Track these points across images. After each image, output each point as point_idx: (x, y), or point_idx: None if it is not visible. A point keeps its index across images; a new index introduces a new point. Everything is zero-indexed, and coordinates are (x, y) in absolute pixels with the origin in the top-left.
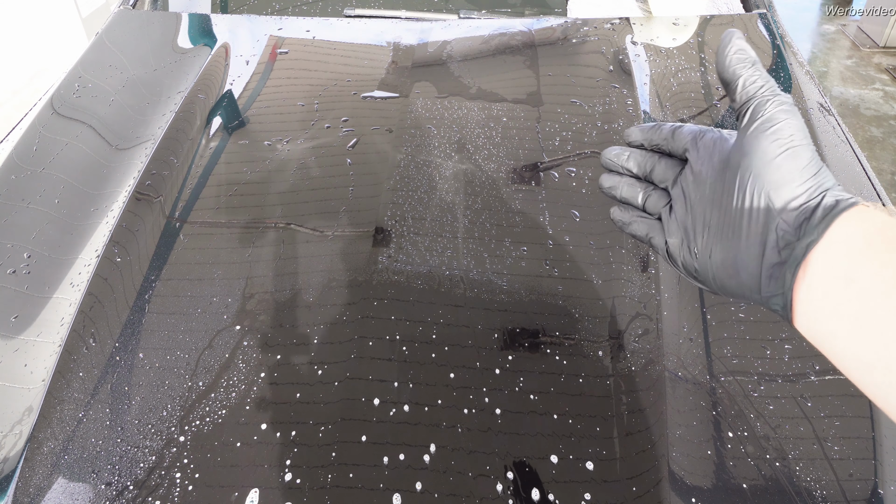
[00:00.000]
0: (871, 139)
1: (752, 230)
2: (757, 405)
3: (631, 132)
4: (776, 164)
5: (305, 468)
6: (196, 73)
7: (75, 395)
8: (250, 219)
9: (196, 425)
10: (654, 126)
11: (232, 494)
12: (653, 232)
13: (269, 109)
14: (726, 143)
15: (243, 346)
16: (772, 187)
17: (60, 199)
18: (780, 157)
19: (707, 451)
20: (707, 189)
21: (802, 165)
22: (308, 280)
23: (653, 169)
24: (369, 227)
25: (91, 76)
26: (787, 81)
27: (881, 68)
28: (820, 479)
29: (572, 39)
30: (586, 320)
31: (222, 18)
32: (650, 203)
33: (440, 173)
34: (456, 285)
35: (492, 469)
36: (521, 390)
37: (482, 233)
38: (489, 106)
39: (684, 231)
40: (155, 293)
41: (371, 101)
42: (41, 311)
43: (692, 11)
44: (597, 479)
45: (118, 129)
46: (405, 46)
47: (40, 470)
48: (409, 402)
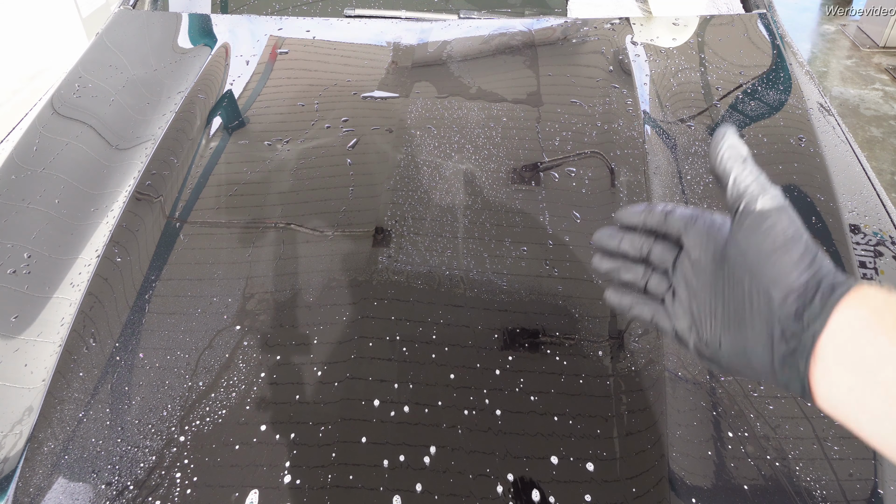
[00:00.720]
0: (871, 139)
1: (758, 323)
2: (757, 405)
3: (622, 216)
4: (771, 260)
5: (305, 468)
6: (196, 73)
7: (75, 395)
8: (250, 219)
9: (196, 425)
10: (645, 209)
11: (232, 494)
12: (658, 315)
13: (269, 109)
14: (720, 232)
15: (243, 346)
16: (770, 283)
17: (60, 199)
18: (774, 252)
19: (707, 451)
20: (708, 278)
21: (796, 258)
22: (308, 280)
23: (650, 251)
24: (369, 227)
25: (91, 76)
26: (787, 81)
27: (881, 68)
28: (820, 479)
29: (572, 39)
30: (586, 320)
31: (222, 18)
32: (651, 285)
33: (440, 173)
34: (456, 285)
35: (492, 469)
36: (521, 390)
37: (482, 233)
38: (489, 106)
39: (691, 317)
40: (155, 293)
41: (371, 101)
42: (41, 311)
43: (692, 11)
44: (597, 480)
45: (118, 129)
46: (405, 46)
47: (40, 470)
48: (410, 403)
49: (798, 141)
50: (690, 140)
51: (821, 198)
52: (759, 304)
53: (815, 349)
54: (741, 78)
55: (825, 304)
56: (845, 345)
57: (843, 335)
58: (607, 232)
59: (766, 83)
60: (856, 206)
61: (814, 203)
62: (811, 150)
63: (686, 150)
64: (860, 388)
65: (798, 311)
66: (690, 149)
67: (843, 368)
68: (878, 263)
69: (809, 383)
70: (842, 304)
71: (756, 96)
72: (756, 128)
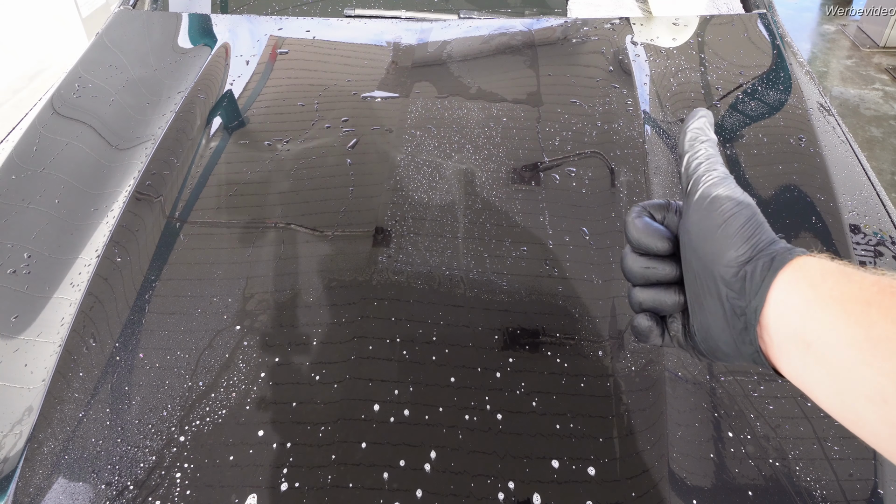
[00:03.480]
0: (871, 139)
1: (712, 303)
2: (757, 405)
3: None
4: (713, 237)
5: (305, 469)
6: (196, 73)
7: (75, 395)
8: (250, 219)
9: (196, 425)
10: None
11: (231, 495)
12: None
13: (269, 109)
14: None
15: (243, 346)
16: (712, 259)
17: (60, 199)
18: (714, 229)
19: (707, 452)
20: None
21: (734, 232)
22: (308, 280)
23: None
24: (369, 228)
25: (91, 76)
26: (787, 81)
27: (881, 68)
28: (820, 479)
29: (572, 39)
30: (586, 320)
31: (222, 18)
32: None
33: (440, 173)
34: (456, 285)
35: (492, 471)
36: (521, 391)
37: (482, 233)
38: (489, 106)
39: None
40: (155, 293)
41: (371, 102)
42: (41, 311)
43: (692, 11)
44: (597, 481)
45: (118, 129)
46: (405, 46)
47: (40, 470)
48: (409, 403)
49: (798, 141)
50: None
51: (821, 198)
52: (709, 283)
53: (761, 324)
54: (741, 78)
55: (764, 278)
56: (786, 319)
57: (783, 309)
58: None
59: (766, 83)
60: (856, 206)
61: (814, 203)
62: (811, 150)
63: None
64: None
65: (741, 288)
66: None
67: (789, 343)
68: (878, 263)
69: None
70: (780, 276)
71: (756, 96)
72: (756, 128)
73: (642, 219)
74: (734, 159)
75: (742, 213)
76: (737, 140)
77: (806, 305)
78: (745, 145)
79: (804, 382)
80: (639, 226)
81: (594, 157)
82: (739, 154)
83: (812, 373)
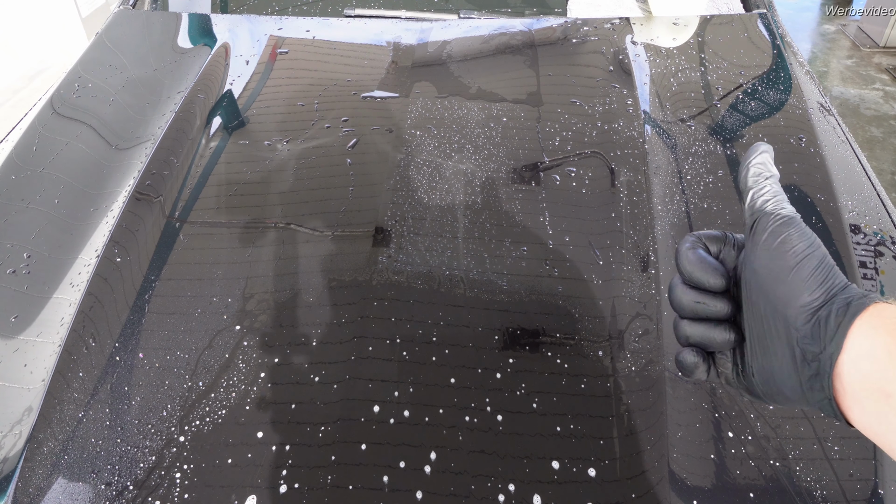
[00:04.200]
0: (871, 139)
1: (780, 347)
2: (757, 405)
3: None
4: (783, 279)
5: (305, 470)
6: (196, 73)
7: (75, 395)
8: (250, 219)
9: (196, 426)
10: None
11: (231, 495)
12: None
13: (269, 109)
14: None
15: (243, 346)
16: (783, 304)
17: (60, 199)
18: (785, 272)
19: (707, 452)
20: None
21: (807, 276)
22: (308, 280)
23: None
24: (369, 227)
25: (91, 76)
26: (787, 81)
27: (881, 68)
28: (820, 479)
29: (572, 39)
30: (586, 320)
31: (222, 18)
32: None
33: (440, 173)
34: (456, 285)
35: (492, 472)
36: (521, 391)
37: (482, 233)
38: (489, 106)
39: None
40: (155, 293)
41: (371, 101)
42: (41, 311)
43: (692, 11)
44: (598, 481)
45: (118, 129)
46: (405, 46)
47: (40, 470)
48: (409, 404)
49: (798, 141)
50: (691, 140)
51: (821, 198)
52: (778, 326)
53: (836, 372)
54: (741, 78)
55: (840, 324)
56: (863, 367)
57: (860, 356)
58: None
59: (766, 83)
60: (856, 206)
61: (814, 203)
62: (811, 150)
63: (686, 149)
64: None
65: (814, 333)
66: (691, 149)
67: (865, 392)
68: (878, 263)
69: (839, 407)
70: (856, 323)
71: (756, 96)
72: (756, 128)
73: (696, 251)
74: (734, 159)
75: (815, 256)
76: (737, 140)
77: (886, 354)
78: (746, 145)
79: (879, 433)
80: (692, 259)
81: (594, 157)
82: (740, 154)
83: (891, 423)
